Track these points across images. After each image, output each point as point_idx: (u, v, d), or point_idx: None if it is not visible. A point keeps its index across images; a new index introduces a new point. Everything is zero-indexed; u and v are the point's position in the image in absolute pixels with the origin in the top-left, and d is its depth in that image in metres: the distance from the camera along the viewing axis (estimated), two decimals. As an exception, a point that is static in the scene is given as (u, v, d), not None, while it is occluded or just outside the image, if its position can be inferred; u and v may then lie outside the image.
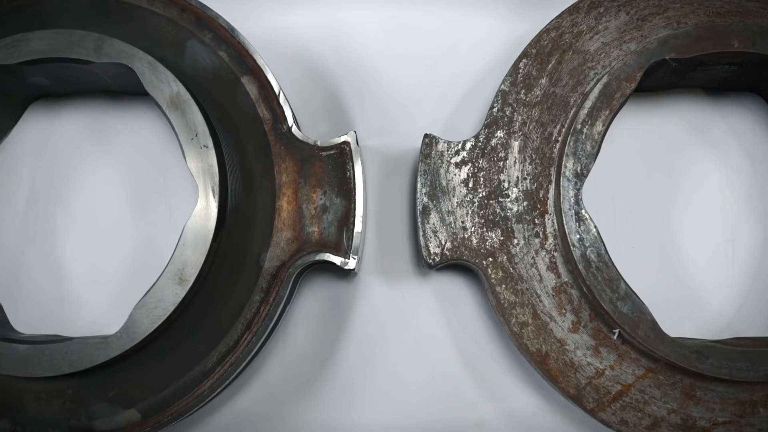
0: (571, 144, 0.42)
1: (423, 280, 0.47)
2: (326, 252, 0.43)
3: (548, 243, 0.43)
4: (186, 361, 0.43)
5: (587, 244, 0.41)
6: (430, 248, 0.43)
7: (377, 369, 0.46)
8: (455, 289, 0.47)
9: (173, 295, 0.42)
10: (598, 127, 0.42)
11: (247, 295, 0.43)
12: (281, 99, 0.45)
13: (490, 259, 0.43)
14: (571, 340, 0.42)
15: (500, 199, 0.44)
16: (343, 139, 0.44)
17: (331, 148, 0.45)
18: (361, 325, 0.46)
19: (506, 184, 0.44)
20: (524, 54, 0.45)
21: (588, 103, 0.42)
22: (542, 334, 0.42)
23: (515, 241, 0.43)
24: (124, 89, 0.49)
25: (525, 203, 0.43)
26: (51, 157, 0.50)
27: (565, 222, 0.41)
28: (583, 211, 0.41)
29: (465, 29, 0.49)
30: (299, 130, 0.45)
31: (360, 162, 0.44)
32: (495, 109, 0.45)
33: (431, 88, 0.49)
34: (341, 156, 0.44)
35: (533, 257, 0.43)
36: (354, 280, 0.47)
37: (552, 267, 0.43)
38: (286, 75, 0.49)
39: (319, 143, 0.45)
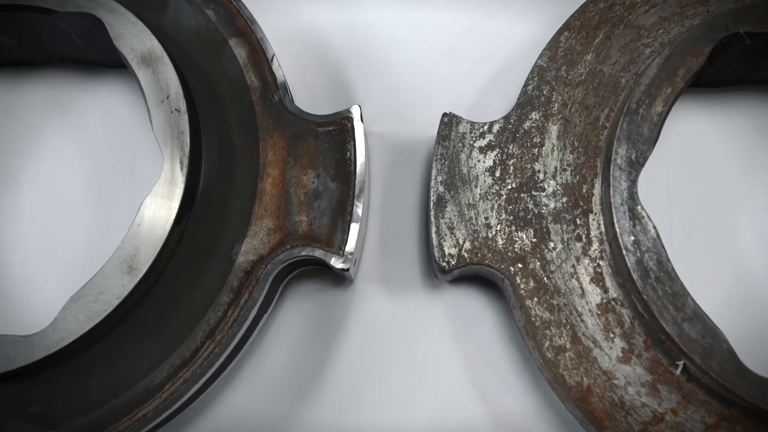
0: (624, 126, 0.34)
1: (433, 293, 0.38)
2: (315, 247, 0.35)
3: (593, 249, 0.34)
4: (129, 374, 0.34)
5: (644, 249, 0.32)
6: (445, 248, 0.35)
7: (371, 404, 0.37)
8: (472, 306, 0.38)
9: (119, 287, 0.33)
10: (658, 107, 0.34)
11: (213, 294, 0.35)
12: (274, 65, 0.38)
13: (520, 266, 0.34)
14: (620, 373, 0.33)
15: (534, 193, 0.35)
16: (344, 113, 0.37)
17: (329, 123, 0.37)
18: (355, 345, 0.37)
19: (541, 175, 0.36)
20: (566, 26, 0.38)
21: (645, 79, 0.35)
22: (584, 364, 0.33)
23: (551, 244, 0.35)
24: (98, 56, 0.42)
25: (564, 199, 0.35)
26: (7, 132, 0.43)
27: (615, 221, 0.33)
28: (639, 207, 0.33)
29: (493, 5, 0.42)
30: (293, 101, 0.38)
31: (363, 141, 0.36)
32: (530, 87, 0.37)
33: (451, 69, 0.42)
34: (341, 133, 0.37)
35: (573, 265, 0.34)
36: (348, 288, 0.38)
37: (597, 279, 0.34)
38: (283, 47, 0.42)
39: (315, 117, 0.37)
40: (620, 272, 0.33)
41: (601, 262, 0.34)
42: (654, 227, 0.33)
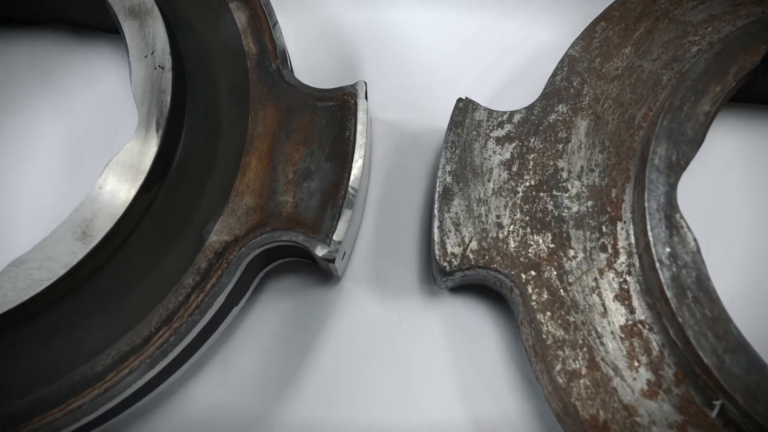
0: (665, 124, 0.30)
1: (430, 301, 0.33)
2: (298, 231, 0.30)
3: (619, 262, 0.29)
4: (68, 358, 0.29)
5: (681, 263, 0.27)
6: (447, 246, 0.30)
7: (348, 416, 0.31)
8: (473, 320, 0.33)
9: (69, 254, 0.29)
10: (705, 106, 0.30)
11: (176, 275, 0.30)
12: (276, 32, 0.34)
13: (533, 273, 0.29)
14: (644, 409, 0.27)
15: (555, 193, 0.31)
16: (348, 88, 0.33)
17: (330, 98, 0.33)
18: (335, 351, 0.32)
19: (565, 174, 0.31)
20: (604, 16, 0.34)
21: (692, 74, 0.30)
22: (601, 394, 0.28)
23: (571, 252, 0.30)
24: (88, 15, 0.39)
25: (590, 203, 0.30)
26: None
27: (649, 229, 0.28)
28: (677, 215, 0.28)
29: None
30: (293, 73, 0.34)
31: (366, 121, 0.32)
32: (559, 78, 0.33)
33: (471, 59, 0.38)
34: (342, 110, 0.33)
35: (595, 279, 0.29)
36: (334, 287, 0.34)
37: (622, 296, 0.29)
38: (289, 20, 0.38)
39: (315, 91, 0.33)
40: (651, 290, 0.28)
41: (628, 278, 0.29)
42: (694, 239, 0.28)
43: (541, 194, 0.31)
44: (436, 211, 0.31)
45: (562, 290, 0.29)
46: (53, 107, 0.39)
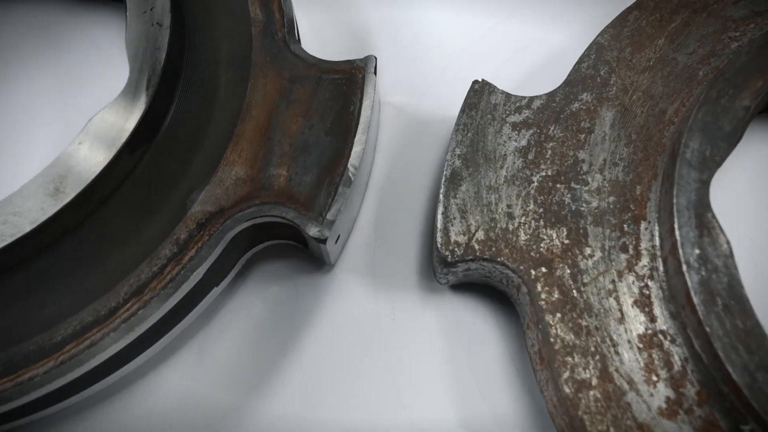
0: (700, 117, 0.27)
1: (428, 298, 0.30)
2: (290, 207, 0.28)
3: (641, 264, 0.26)
4: (25, 324, 0.26)
5: (711, 267, 0.24)
6: (451, 234, 0.27)
7: (329, 423, 0.28)
8: (473, 321, 0.30)
9: (37, 210, 0.27)
10: (744, 100, 0.27)
11: (152, 245, 0.27)
12: (284, 2, 0.32)
13: (543, 270, 0.27)
14: (661, 431, 0.24)
15: (573, 185, 0.28)
16: (356, 62, 0.31)
17: (336, 70, 0.31)
18: (322, 343, 0.30)
19: (585, 166, 0.28)
20: (638, 5, 0.32)
21: (731, 68, 0.28)
22: (612, 409, 0.24)
23: (588, 250, 0.27)
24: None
25: (611, 199, 0.28)
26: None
27: (677, 227, 0.25)
28: (709, 215, 0.25)
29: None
30: (299, 44, 0.32)
31: (373, 97, 0.30)
32: (585, 65, 0.30)
33: (490, 48, 0.35)
34: (348, 84, 0.30)
35: (613, 281, 0.26)
36: (325, 274, 0.31)
37: (643, 303, 0.26)
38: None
39: (321, 62, 0.31)
40: (675, 297, 0.25)
41: (650, 283, 0.26)
42: (727, 241, 0.25)
43: (558, 186, 0.28)
44: (441, 196, 0.28)
45: (575, 291, 0.26)
46: (54, 73, 0.38)
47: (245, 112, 0.30)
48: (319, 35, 0.35)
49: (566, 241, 0.27)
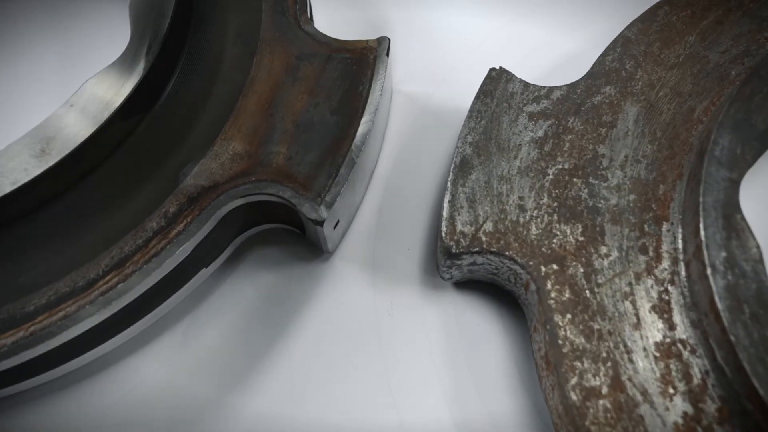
0: (731, 113, 0.25)
1: (429, 294, 0.28)
2: (287, 186, 0.26)
3: (661, 267, 0.24)
4: (-4, 292, 0.25)
5: (739, 272, 0.22)
6: (457, 223, 0.25)
7: (316, 421, 0.26)
8: (476, 322, 0.27)
9: (20, 170, 0.25)
10: (782, 99, 0.25)
11: (140, 216, 0.26)
12: (298, -21, 0.31)
13: (555, 267, 0.25)
14: (676, 448, 0.22)
15: (592, 180, 0.26)
16: (368, 42, 0.29)
17: (347, 50, 0.29)
18: (314, 334, 0.28)
19: (605, 162, 0.26)
20: (669, 0, 0.30)
21: (767, 65, 0.26)
22: (623, 421, 0.22)
23: (604, 249, 0.25)
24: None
25: (631, 197, 0.26)
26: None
27: (702, 228, 0.23)
28: (739, 216, 0.23)
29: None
30: (311, 22, 0.31)
31: (384, 79, 0.28)
32: (610, 58, 0.29)
33: (510, 42, 0.34)
34: (359, 64, 0.29)
35: (630, 283, 0.24)
36: (322, 263, 0.29)
37: (661, 308, 0.24)
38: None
39: (331, 41, 0.30)
40: (698, 304, 0.23)
41: (670, 288, 0.24)
42: (757, 246, 0.23)
43: (575, 180, 0.26)
44: (449, 184, 0.26)
45: (588, 291, 0.24)
46: (57, 41, 0.36)
47: (248, 86, 0.28)
48: (335, 26, 0.34)
49: (581, 238, 0.25)
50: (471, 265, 0.26)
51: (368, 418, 0.26)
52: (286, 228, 0.29)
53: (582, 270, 0.25)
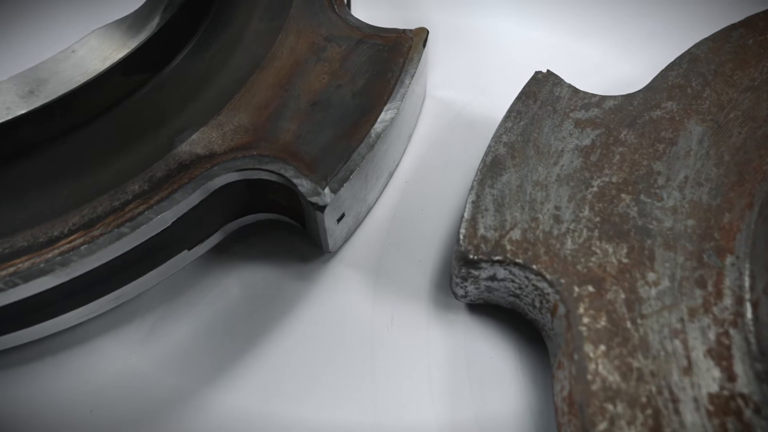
0: (818, 137, 0.21)
1: (438, 315, 0.24)
2: (290, 164, 0.23)
3: (721, 305, 0.20)
4: (-53, 238, 0.22)
5: (824, 315, 0.18)
6: (479, 227, 0.22)
7: (298, 417, 0.22)
8: (488, 353, 0.23)
9: (3, 109, 0.23)
10: None
11: (122, 177, 0.23)
12: (337, -36, 0.29)
13: (590, 289, 0.20)
14: None
15: (643, 198, 0.22)
16: (405, 31, 0.27)
17: (380, 36, 0.27)
18: (301, 340, 0.24)
19: (662, 180, 0.23)
20: (745, 24, 0.27)
21: None
22: (662, 487, 0.17)
23: (652, 276, 0.21)
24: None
25: (690, 222, 0.22)
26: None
27: (777, 260, 0.19)
28: (824, 250, 0.19)
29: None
30: (346, 7, 0.28)
31: (417, 68, 0.25)
32: (674, 73, 0.25)
33: (555, 61, 0.31)
34: (391, 51, 0.26)
35: (682, 319, 0.20)
36: (320, 265, 0.25)
37: (720, 354, 0.19)
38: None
39: (364, 26, 0.27)
40: (766, 353, 0.19)
41: (731, 331, 0.20)
42: None
43: (624, 195, 0.22)
44: (475, 183, 0.23)
45: (629, 321, 0.20)
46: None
47: (268, 60, 0.26)
48: (370, 8, 0.32)
49: (625, 260, 0.21)
50: (490, 281, 0.22)
51: (347, 445, 0.21)
52: (285, 220, 0.26)
53: (623, 296, 0.20)
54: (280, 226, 0.26)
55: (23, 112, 0.22)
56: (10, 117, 0.22)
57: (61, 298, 0.22)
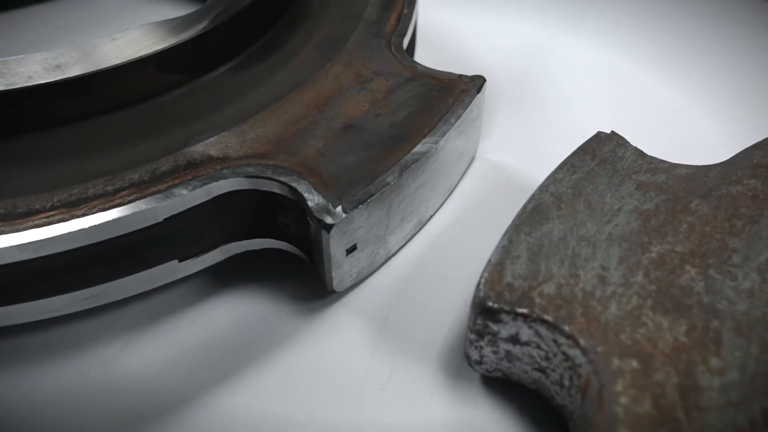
0: None
1: (446, 383, 0.20)
2: (304, 179, 0.20)
3: (809, 416, 0.15)
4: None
5: None
6: (506, 274, 0.18)
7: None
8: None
9: (23, 76, 0.22)
10: None
11: (125, 165, 0.21)
12: (404, 12, 0.28)
13: (634, 364, 0.16)
14: None
15: (713, 274, 0.18)
16: (461, 76, 0.25)
17: (434, 77, 0.25)
18: (275, 396, 0.20)
19: (737, 258, 0.19)
20: None
21: None
22: None
23: (716, 362, 0.16)
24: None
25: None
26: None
27: None
28: None
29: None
30: (404, 50, 0.27)
31: (466, 109, 0.23)
32: (760, 153, 0.22)
33: (619, 118, 0.28)
34: (442, 92, 0.24)
35: (753, 422, 0.15)
36: (322, 307, 0.22)
37: (803, 476, 0.14)
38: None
39: (419, 66, 0.25)
40: None
41: (821, 448, 0.15)
42: None
43: (689, 267, 0.18)
44: (510, 228, 0.19)
45: (682, 412, 0.15)
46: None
47: (310, 84, 0.24)
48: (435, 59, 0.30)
49: (683, 339, 0.17)
50: (511, 343, 0.18)
51: None
52: (291, 251, 0.23)
53: (676, 380, 0.16)
54: (284, 259, 0.23)
55: (43, 82, 0.21)
56: (28, 84, 0.21)
57: (32, 280, 0.20)
